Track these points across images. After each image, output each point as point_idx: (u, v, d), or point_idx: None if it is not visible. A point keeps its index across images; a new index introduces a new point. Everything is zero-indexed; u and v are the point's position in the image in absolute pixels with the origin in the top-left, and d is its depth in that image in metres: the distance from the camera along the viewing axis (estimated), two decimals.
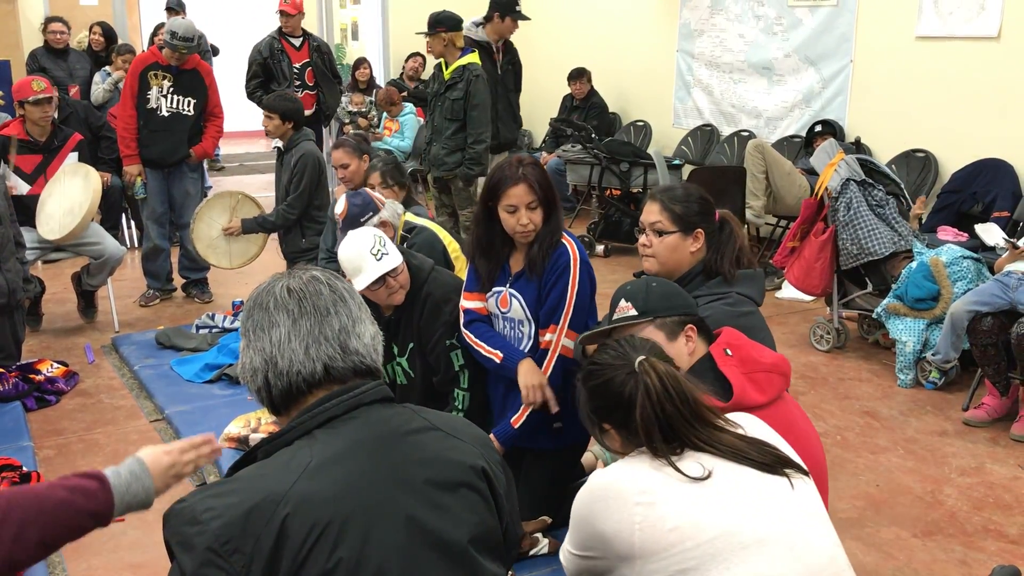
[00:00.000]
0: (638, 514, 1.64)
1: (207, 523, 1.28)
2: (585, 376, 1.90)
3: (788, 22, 6.95)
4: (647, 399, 1.74)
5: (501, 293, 2.97)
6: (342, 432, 1.42)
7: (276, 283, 1.52)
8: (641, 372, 1.78)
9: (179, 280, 6.09)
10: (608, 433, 1.86)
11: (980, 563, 3.07)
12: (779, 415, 2.08)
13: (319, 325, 1.47)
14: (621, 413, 1.79)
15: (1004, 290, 4.08)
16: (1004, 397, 4.14)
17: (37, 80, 5.31)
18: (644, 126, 8.37)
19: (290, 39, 7.08)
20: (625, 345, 1.89)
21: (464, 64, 5.69)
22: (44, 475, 3.55)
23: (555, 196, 2.87)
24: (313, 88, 7.13)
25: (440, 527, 1.40)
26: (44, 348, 5.06)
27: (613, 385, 1.81)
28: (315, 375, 1.45)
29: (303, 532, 1.29)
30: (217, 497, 1.32)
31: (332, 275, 1.55)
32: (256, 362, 1.47)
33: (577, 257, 2.87)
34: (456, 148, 5.70)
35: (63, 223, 5.01)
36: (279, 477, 1.34)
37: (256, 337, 1.48)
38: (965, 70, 5.69)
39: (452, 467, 1.46)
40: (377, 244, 3.03)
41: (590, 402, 1.88)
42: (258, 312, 1.49)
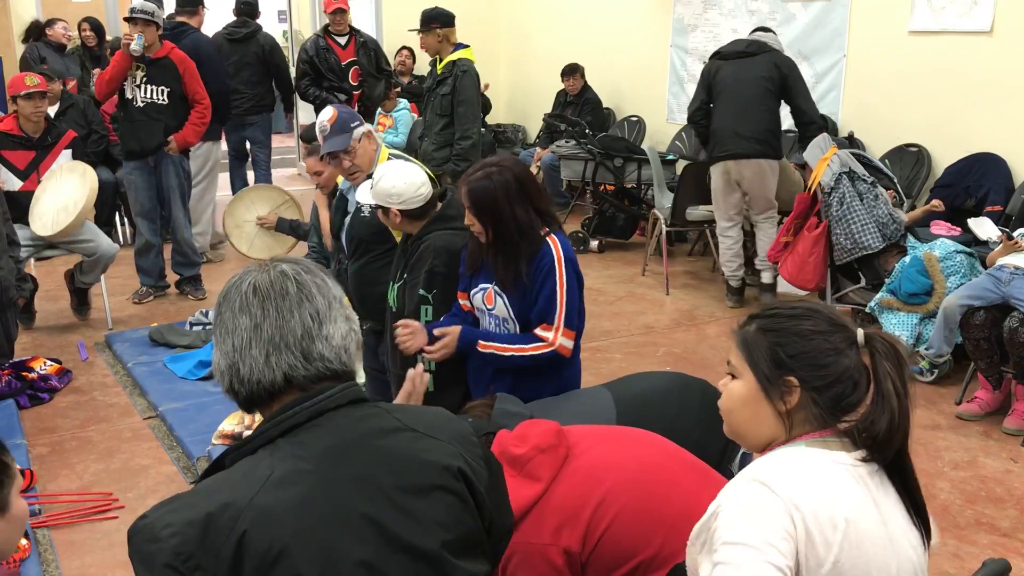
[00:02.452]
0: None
1: (166, 540, 1.24)
2: (782, 315, 1.60)
3: (781, 17, 6.95)
4: (895, 386, 1.48)
5: (487, 290, 2.95)
6: (306, 440, 1.36)
7: (244, 279, 1.44)
8: (876, 343, 1.52)
9: (172, 277, 6.08)
10: (788, 389, 1.53)
11: (972, 556, 3.08)
12: (585, 463, 2.00)
13: (280, 331, 1.39)
14: (830, 374, 1.51)
15: (997, 284, 4.09)
16: (996, 391, 4.15)
17: (31, 75, 5.29)
18: (638, 121, 8.37)
19: (336, 37, 7.08)
20: (823, 305, 1.63)
21: (454, 60, 5.68)
22: (37, 472, 3.55)
23: (496, 211, 2.79)
24: (358, 87, 7.13)
25: (410, 535, 1.35)
26: (37, 346, 5.05)
27: (831, 341, 1.53)
28: (275, 384, 1.39)
29: (263, 547, 1.25)
30: (175, 512, 1.28)
31: (303, 268, 1.46)
32: (222, 364, 1.42)
33: (560, 255, 2.86)
34: (445, 144, 5.69)
35: (57, 220, 4.99)
36: (238, 490, 1.29)
37: (222, 338, 1.42)
38: (958, 65, 5.69)
39: (424, 470, 1.40)
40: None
41: (785, 347, 1.55)
42: (226, 309, 1.43)
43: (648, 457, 1.98)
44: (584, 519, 1.89)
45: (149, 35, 5.47)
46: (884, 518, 1.48)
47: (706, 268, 6.78)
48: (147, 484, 3.57)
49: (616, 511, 1.89)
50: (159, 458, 3.79)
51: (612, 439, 2.12)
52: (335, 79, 6.97)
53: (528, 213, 2.82)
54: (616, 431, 2.19)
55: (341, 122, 3.65)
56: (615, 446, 2.08)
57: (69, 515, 3.31)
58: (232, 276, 1.49)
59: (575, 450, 2.05)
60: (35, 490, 3.44)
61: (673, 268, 6.56)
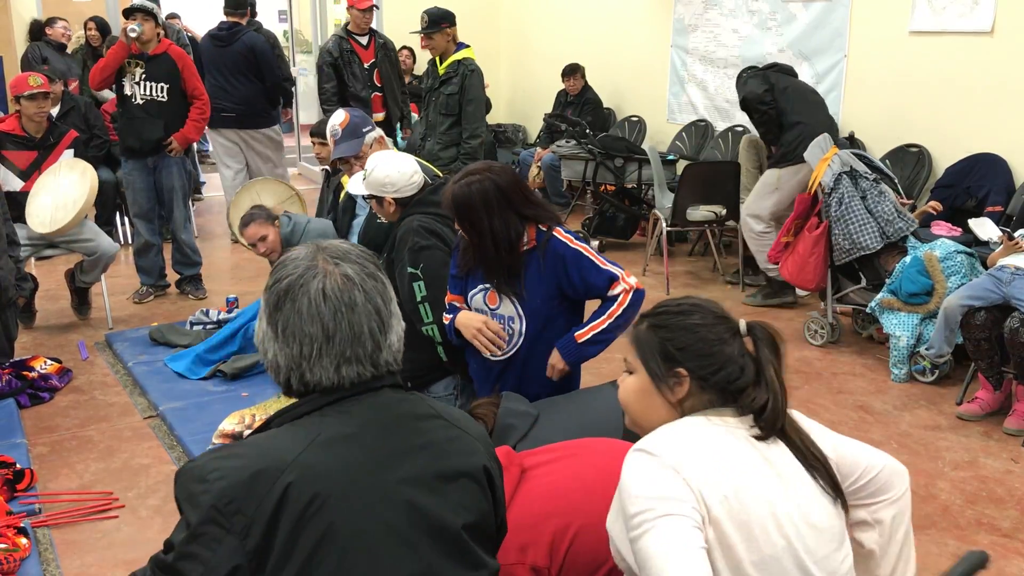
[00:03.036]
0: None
1: (213, 483, 1.32)
2: (670, 312, 1.72)
3: (782, 17, 6.94)
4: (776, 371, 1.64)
5: (488, 290, 2.91)
6: (351, 411, 1.45)
7: (310, 277, 1.45)
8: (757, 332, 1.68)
9: (173, 276, 6.08)
10: (677, 379, 1.66)
11: None
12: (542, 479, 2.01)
13: (351, 345, 1.45)
14: (715, 363, 1.64)
15: (997, 284, 4.09)
16: (997, 391, 4.15)
17: (34, 76, 5.29)
18: (638, 121, 8.37)
19: (357, 38, 6.76)
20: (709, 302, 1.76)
21: (459, 59, 5.69)
22: (38, 472, 3.55)
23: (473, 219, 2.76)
24: (382, 89, 6.82)
25: (437, 512, 1.43)
26: (37, 345, 5.05)
27: (715, 332, 1.67)
28: (340, 388, 1.46)
29: (304, 500, 1.33)
30: (225, 459, 1.37)
31: (365, 272, 1.49)
32: (281, 361, 1.47)
33: (570, 237, 2.84)
34: (451, 143, 5.70)
35: (55, 217, 4.98)
36: (287, 446, 1.38)
37: (285, 340, 1.45)
38: (959, 65, 5.69)
39: (454, 457, 1.49)
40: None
41: (673, 341, 1.68)
42: (289, 308, 1.45)
43: (608, 465, 1.96)
44: (547, 534, 1.88)
45: (148, 29, 5.47)
46: (778, 472, 1.58)
47: (706, 268, 6.79)
48: (147, 483, 3.57)
49: (580, 522, 1.88)
50: (159, 457, 3.79)
51: (570, 453, 2.10)
52: (358, 83, 6.66)
53: (508, 223, 2.74)
54: (576, 444, 2.17)
55: (353, 127, 3.64)
56: (574, 459, 2.07)
57: (69, 514, 3.30)
58: (286, 263, 1.49)
59: (532, 469, 2.03)
60: (35, 489, 3.44)
61: (674, 268, 6.56)
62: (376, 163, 3.23)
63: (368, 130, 3.75)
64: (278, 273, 1.49)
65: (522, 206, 2.79)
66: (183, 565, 1.33)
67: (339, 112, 3.81)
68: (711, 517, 1.50)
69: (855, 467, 1.72)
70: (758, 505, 1.53)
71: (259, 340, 1.51)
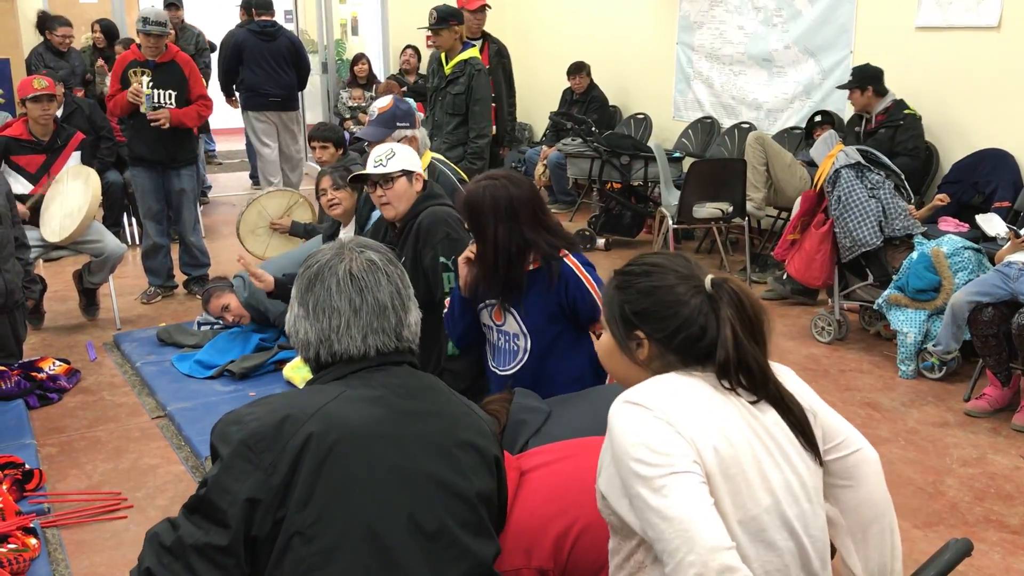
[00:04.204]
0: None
1: (247, 423, 1.51)
2: (632, 273, 1.69)
3: (788, 13, 6.93)
4: (740, 318, 1.58)
5: (493, 307, 2.93)
6: (373, 379, 1.61)
7: (337, 261, 1.65)
8: (721, 289, 1.60)
9: (180, 277, 6.10)
10: (637, 342, 1.64)
11: (982, 554, 3.07)
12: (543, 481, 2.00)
13: (378, 318, 1.63)
14: (672, 325, 1.60)
15: (1005, 280, 4.08)
16: (1005, 387, 4.14)
17: (39, 78, 5.31)
18: (644, 119, 8.36)
19: (470, 42, 6.23)
20: (678, 258, 1.69)
21: (465, 58, 5.68)
22: (47, 472, 3.56)
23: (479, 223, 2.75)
24: (493, 100, 6.21)
25: (450, 474, 1.57)
26: (46, 346, 5.07)
27: (673, 292, 1.61)
28: (366, 356, 1.63)
29: (326, 445, 1.48)
30: (259, 406, 1.56)
31: (386, 257, 1.70)
32: (311, 336, 1.64)
33: (579, 265, 2.85)
34: (458, 143, 5.70)
35: (63, 225, 5.03)
36: (313, 399, 1.56)
37: (316, 316, 1.64)
38: (965, 60, 5.67)
39: (466, 429, 1.65)
40: (384, 155, 3.23)
41: (633, 303, 1.64)
42: (320, 288, 1.64)
43: None
44: (551, 536, 1.88)
45: (161, 44, 5.52)
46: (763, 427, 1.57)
47: (713, 265, 6.77)
48: (156, 483, 3.58)
49: (583, 522, 1.87)
50: (168, 457, 3.80)
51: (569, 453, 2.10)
52: None
53: (511, 235, 2.72)
54: (575, 444, 2.17)
55: (390, 116, 3.59)
56: (573, 460, 2.06)
57: (78, 514, 3.32)
58: (316, 254, 1.70)
59: (531, 472, 2.03)
60: (44, 489, 3.45)
61: None
62: (387, 148, 3.27)
63: (403, 125, 3.66)
64: (308, 261, 1.68)
65: (528, 224, 2.75)
66: (214, 495, 1.47)
67: (387, 96, 3.74)
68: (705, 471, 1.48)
69: (835, 435, 1.71)
70: (746, 461, 1.51)
71: (290, 323, 1.68)
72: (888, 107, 5.66)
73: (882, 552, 1.73)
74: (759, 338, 1.61)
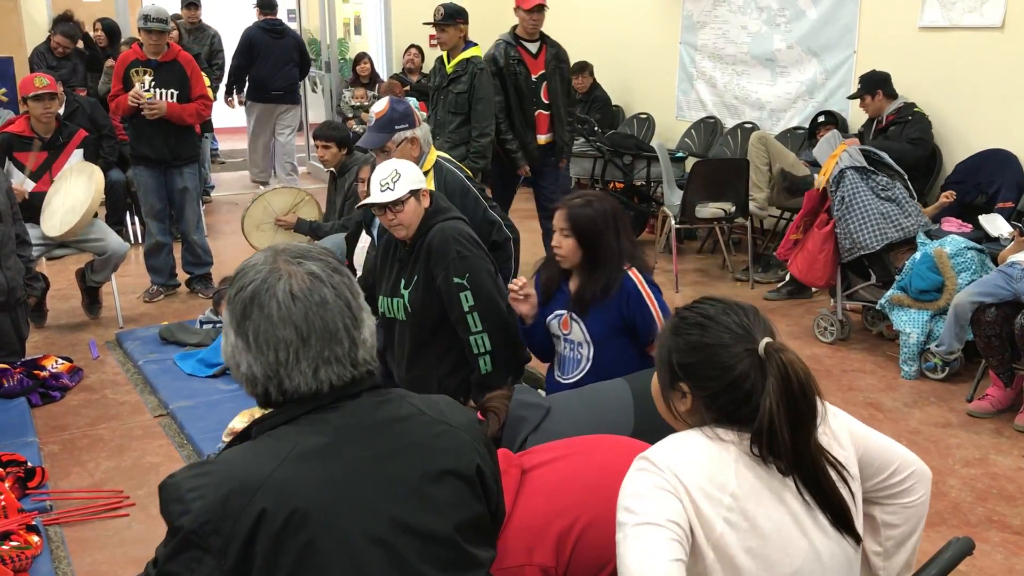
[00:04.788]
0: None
1: (189, 503, 1.30)
2: (685, 324, 1.62)
3: (791, 13, 6.92)
4: (784, 395, 1.49)
5: (562, 316, 3.13)
6: (328, 420, 1.40)
7: (275, 281, 1.40)
8: (772, 359, 1.51)
9: (183, 276, 6.10)
10: (681, 394, 1.60)
11: (984, 554, 3.07)
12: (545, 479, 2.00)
13: (329, 346, 1.40)
14: (716, 387, 1.55)
15: (1008, 281, 4.07)
16: (1008, 388, 4.13)
17: (40, 76, 5.31)
18: (647, 119, 8.35)
19: (527, 44, 5.93)
20: (738, 310, 1.61)
21: (467, 57, 5.68)
22: (49, 470, 3.57)
23: (597, 239, 3.00)
24: (548, 107, 5.98)
25: (423, 520, 1.39)
26: (49, 344, 5.08)
27: (724, 352, 1.55)
28: (320, 393, 1.41)
29: (280, 519, 1.30)
30: (201, 477, 1.34)
31: (330, 268, 1.45)
32: (257, 371, 1.41)
33: (643, 282, 3.05)
34: (460, 142, 5.69)
35: (64, 220, 5.03)
36: (260, 462, 1.34)
37: (258, 347, 1.40)
38: (969, 61, 5.66)
39: (439, 456, 1.45)
40: (390, 177, 3.15)
41: (681, 355, 1.59)
42: (258, 315, 1.39)
43: (610, 462, 1.95)
44: (553, 534, 1.88)
45: (163, 42, 5.51)
46: (784, 501, 1.52)
47: (715, 265, 6.77)
48: (157, 482, 3.54)
49: (585, 521, 1.87)
50: (170, 456, 3.80)
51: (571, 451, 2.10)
52: (523, 98, 5.86)
53: (619, 242, 3.03)
54: (577, 442, 2.16)
55: (387, 120, 3.56)
56: (575, 458, 2.06)
57: (80, 512, 3.32)
58: (247, 270, 1.44)
59: (533, 470, 2.03)
60: (47, 487, 3.46)
61: (683, 265, 6.55)
62: (395, 166, 3.20)
63: (401, 128, 3.62)
64: (240, 282, 1.43)
65: (625, 235, 3.06)
66: None
67: (382, 100, 3.71)
68: (713, 538, 1.46)
69: (887, 464, 1.69)
70: (767, 534, 1.49)
71: (228, 355, 1.44)
72: (899, 108, 5.67)
73: (905, 560, 1.76)
74: (802, 417, 1.51)
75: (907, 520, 1.74)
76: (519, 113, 5.87)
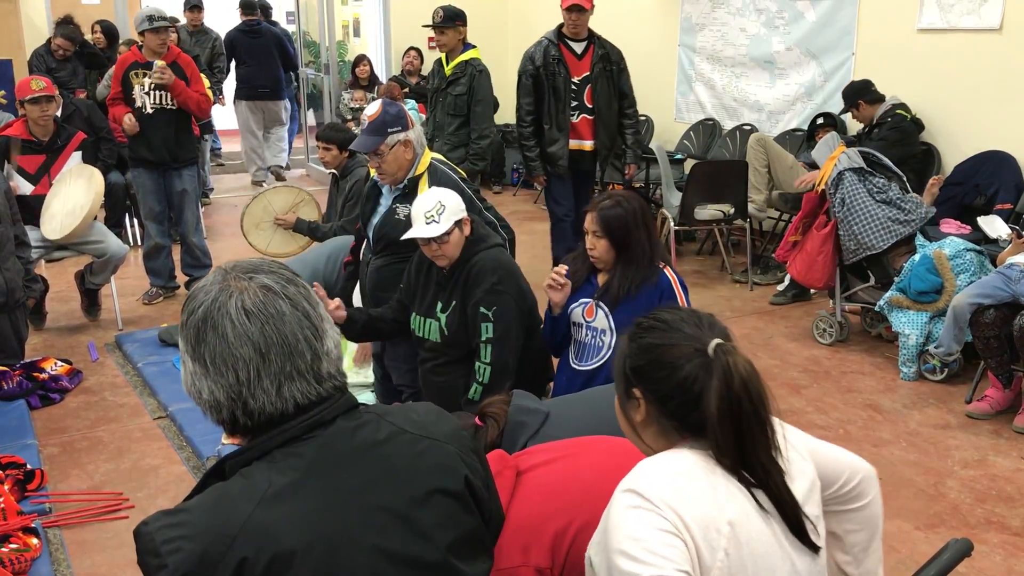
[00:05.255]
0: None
1: (165, 557, 1.24)
2: (640, 328, 1.60)
3: (790, 15, 6.93)
4: (725, 394, 1.46)
5: (588, 304, 3.21)
6: (302, 454, 1.33)
7: (226, 299, 1.33)
8: (718, 358, 1.48)
9: (182, 278, 6.10)
10: (635, 402, 1.57)
11: (983, 555, 3.07)
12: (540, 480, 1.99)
13: (290, 360, 1.32)
14: (665, 388, 1.52)
15: (1006, 282, 4.08)
16: (1007, 389, 4.13)
17: (36, 79, 5.32)
18: (646, 120, 8.35)
19: (571, 43, 5.55)
20: (693, 316, 1.59)
21: (466, 59, 5.68)
22: (48, 472, 3.57)
23: (628, 238, 3.10)
24: (592, 111, 5.59)
25: (412, 549, 1.34)
26: (48, 346, 5.08)
27: (673, 354, 1.52)
28: (286, 413, 1.33)
29: (262, 566, 1.24)
30: (175, 528, 1.26)
31: (283, 278, 1.38)
32: (219, 396, 1.33)
33: (677, 282, 3.15)
34: (459, 144, 5.69)
35: (64, 223, 5.03)
36: (235, 507, 1.27)
37: (217, 370, 1.32)
38: (967, 63, 5.67)
39: (423, 476, 1.39)
40: (434, 210, 3.19)
41: (633, 359, 1.57)
42: (213, 336, 1.32)
43: (606, 464, 1.94)
44: (548, 535, 1.88)
45: (168, 40, 5.54)
46: (768, 519, 1.48)
47: (714, 267, 6.77)
48: (157, 484, 3.58)
49: (580, 522, 1.87)
50: (169, 458, 3.80)
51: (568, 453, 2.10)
52: (557, 101, 5.51)
53: (650, 239, 3.14)
54: (573, 443, 2.16)
55: (379, 124, 3.55)
56: (571, 459, 2.06)
57: (80, 514, 3.32)
58: (195, 293, 1.37)
59: (529, 471, 2.03)
60: (46, 489, 3.46)
61: (682, 267, 6.55)
62: (436, 196, 3.24)
63: (394, 130, 3.61)
64: (190, 305, 1.37)
65: (652, 232, 3.17)
66: None
67: (375, 103, 3.70)
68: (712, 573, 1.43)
69: (838, 474, 1.69)
70: (755, 562, 1.45)
71: (188, 385, 1.37)
72: (886, 110, 5.69)
73: (876, 559, 1.76)
74: (747, 418, 1.47)
75: (864, 523, 1.73)
76: (552, 116, 5.57)
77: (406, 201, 3.70)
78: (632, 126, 5.82)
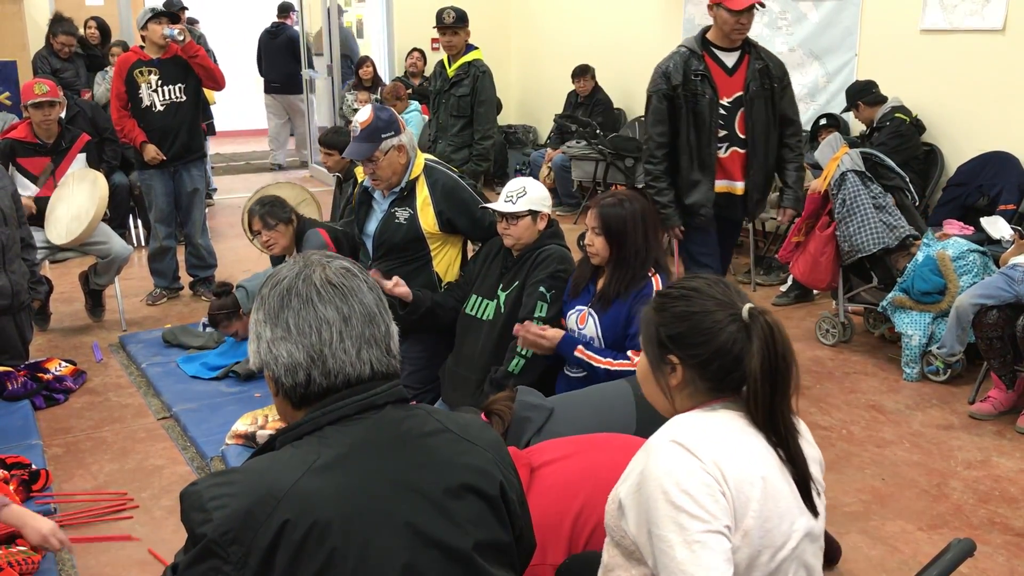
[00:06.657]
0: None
1: (211, 512, 1.30)
2: (670, 296, 1.68)
3: (792, 16, 6.93)
4: (767, 354, 1.55)
5: (581, 312, 3.25)
6: (352, 432, 1.40)
7: (310, 272, 1.43)
8: (755, 320, 1.58)
9: (186, 279, 6.12)
10: (671, 367, 1.64)
11: (986, 556, 3.07)
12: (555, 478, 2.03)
13: (369, 327, 1.43)
14: (705, 352, 1.60)
15: (1009, 283, 4.07)
16: (1010, 390, 4.13)
17: (40, 83, 5.32)
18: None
19: (719, 54, 4.14)
20: (719, 284, 1.68)
21: (469, 60, 5.70)
22: (53, 472, 3.58)
23: (624, 238, 3.11)
24: (745, 144, 4.16)
25: (443, 533, 1.38)
26: (52, 347, 5.09)
27: (709, 318, 1.61)
28: (362, 378, 1.42)
29: (302, 530, 1.29)
30: (224, 486, 1.33)
31: (357, 267, 1.49)
32: (298, 357, 1.40)
33: (660, 283, 3.14)
34: (463, 145, 5.71)
35: (70, 228, 5.05)
36: (283, 473, 1.34)
37: (300, 331, 1.40)
38: (970, 63, 5.67)
39: (461, 471, 1.44)
40: (516, 192, 3.41)
41: (668, 327, 1.64)
42: (297, 301, 1.41)
43: (618, 461, 1.95)
44: (565, 533, 1.88)
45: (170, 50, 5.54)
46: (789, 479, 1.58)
47: None
48: (161, 484, 3.59)
49: (596, 520, 1.88)
50: (173, 458, 3.81)
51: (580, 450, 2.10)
52: (698, 129, 4.09)
53: (647, 242, 3.14)
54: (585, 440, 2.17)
55: (372, 130, 3.55)
56: (583, 456, 2.07)
57: (84, 515, 3.33)
58: (278, 271, 1.47)
59: (542, 468, 2.03)
60: (50, 490, 3.47)
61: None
62: (524, 183, 3.45)
63: (388, 136, 3.60)
64: (273, 279, 1.46)
65: (652, 235, 3.17)
66: None
67: (365, 109, 3.68)
68: (743, 528, 1.50)
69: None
70: (781, 520, 1.52)
71: (264, 351, 1.43)
72: (886, 112, 5.70)
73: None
74: (782, 377, 1.57)
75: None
76: (693, 150, 4.13)
77: (404, 205, 3.72)
78: (795, 159, 4.35)
